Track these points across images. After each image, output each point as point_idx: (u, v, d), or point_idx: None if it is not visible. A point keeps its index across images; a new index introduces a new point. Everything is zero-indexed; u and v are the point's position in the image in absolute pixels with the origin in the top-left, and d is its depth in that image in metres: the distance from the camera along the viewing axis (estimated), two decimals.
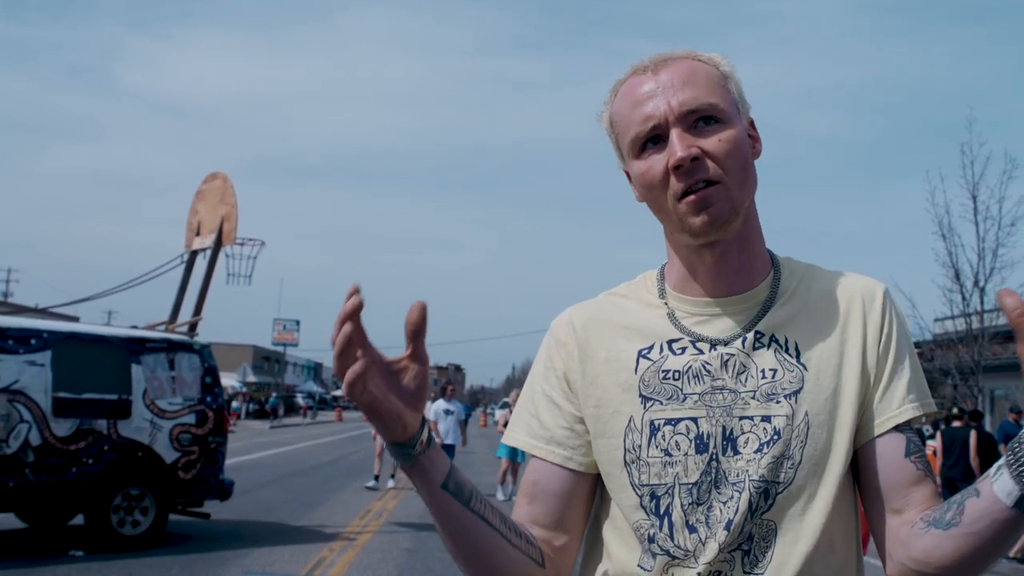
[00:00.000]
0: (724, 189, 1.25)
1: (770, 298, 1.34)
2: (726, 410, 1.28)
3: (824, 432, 1.26)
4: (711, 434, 1.27)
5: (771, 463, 1.25)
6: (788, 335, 1.31)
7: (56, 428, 8.66)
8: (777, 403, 1.27)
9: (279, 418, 51.05)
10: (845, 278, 1.37)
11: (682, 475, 1.27)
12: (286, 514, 12.22)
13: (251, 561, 8.77)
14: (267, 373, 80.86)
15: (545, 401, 1.40)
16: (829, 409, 1.27)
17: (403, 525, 11.67)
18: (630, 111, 1.30)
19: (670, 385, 1.30)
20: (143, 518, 9.29)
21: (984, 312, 16.29)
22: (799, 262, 1.41)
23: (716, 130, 1.26)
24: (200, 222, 13.19)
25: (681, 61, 1.31)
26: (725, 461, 1.26)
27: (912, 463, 1.27)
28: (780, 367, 1.29)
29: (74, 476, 8.76)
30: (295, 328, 70.26)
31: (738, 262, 1.33)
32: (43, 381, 8.65)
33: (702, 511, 1.26)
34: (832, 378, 1.29)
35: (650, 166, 1.27)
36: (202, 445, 9.69)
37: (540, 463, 1.38)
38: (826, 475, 1.26)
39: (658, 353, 1.33)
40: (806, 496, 1.25)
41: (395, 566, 8.90)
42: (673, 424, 1.29)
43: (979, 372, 16.16)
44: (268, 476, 17.48)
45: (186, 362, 9.79)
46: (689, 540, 1.25)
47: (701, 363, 1.30)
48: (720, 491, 1.26)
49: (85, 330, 9.67)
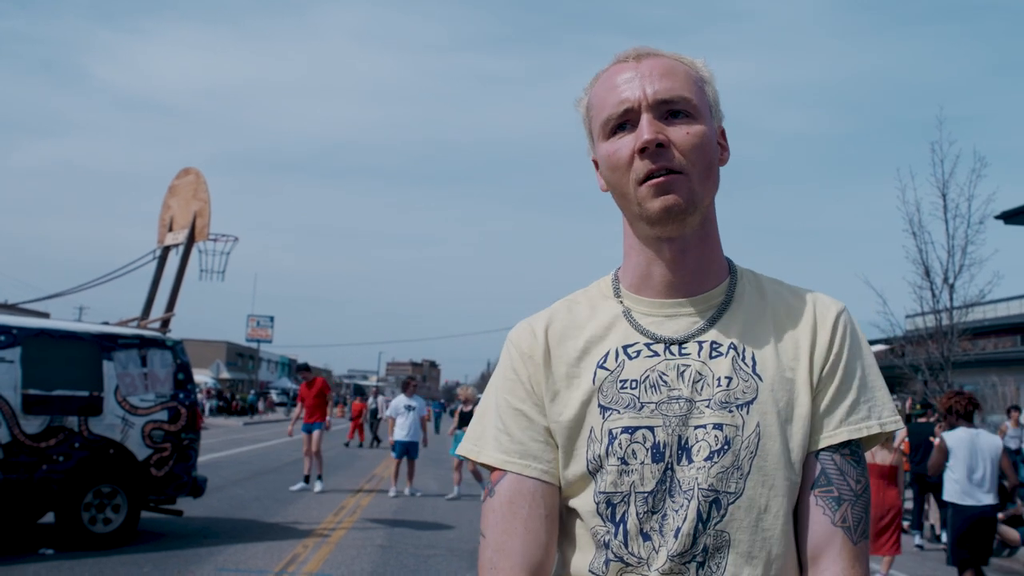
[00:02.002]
0: (686, 180, 1.28)
1: (725, 302, 1.36)
2: (682, 419, 1.28)
3: (776, 444, 1.26)
4: (667, 443, 1.27)
5: (720, 472, 1.25)
6: (746, 345, 1.32)
7: (26, 425, 8.56)
8: (730, 412, 1.27)
9: (260, 414, 50.76)
10: (804, 295, 1.39)
11: (638, 483, 1.27)
12: (260, 511, 12.15)
13: (225, 558, 8.72)
14: (241, 370, 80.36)
15: (514, 414, 1.37)
16: (781, 422, 1.28)
17: (377, 521, 11.65)
18: (606, 94, 1.34)
19: (628, 394, 1.31)
20: (115, 516, 9.21)
21: (953, 309, 16.48)
22: (760, 275, 1.43)
23: (685, 123, 1.30)
24: (173, 218, 13.08)
25: (664, 57, 1.35)
26: (680, 470, 1.27)
27: (813, 496, 1.27)
28: (735, 376, 1.29)
29: (44, 474, 8.67)
30: (269, 324, 69.80)
31: (695, 263, 1.35)
32: (12, 378, 8.55)
33: (657, 519, 1.26)
34: (785, 392, 1.29)
35: (618, 148, 1.31)
36: (175, 442, 9.62)
37: (516, 479, 1.34)
38: (777, 488, 1.26)
39: (614, 361, 1.34)
40: (758, 508, 1.25)
41: (369, 562, 8.89)
42: (630, 432, 1.29)
43: (948, 368, 16.35)
44: (241, 473, 17.38)
45: (158, 358, 9.71)
46: (643, 548, 1.26)
47: (658, 372, 1.31)
48: (674, 499, 1.26)
49: (56, 326, 9.56)
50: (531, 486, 1.34)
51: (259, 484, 15.64)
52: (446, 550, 9.75)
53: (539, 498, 1.33)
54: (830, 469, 1.28)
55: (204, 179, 12.82)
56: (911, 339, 18.12)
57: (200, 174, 12.98)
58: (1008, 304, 26.66)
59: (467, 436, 1.43)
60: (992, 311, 25.61)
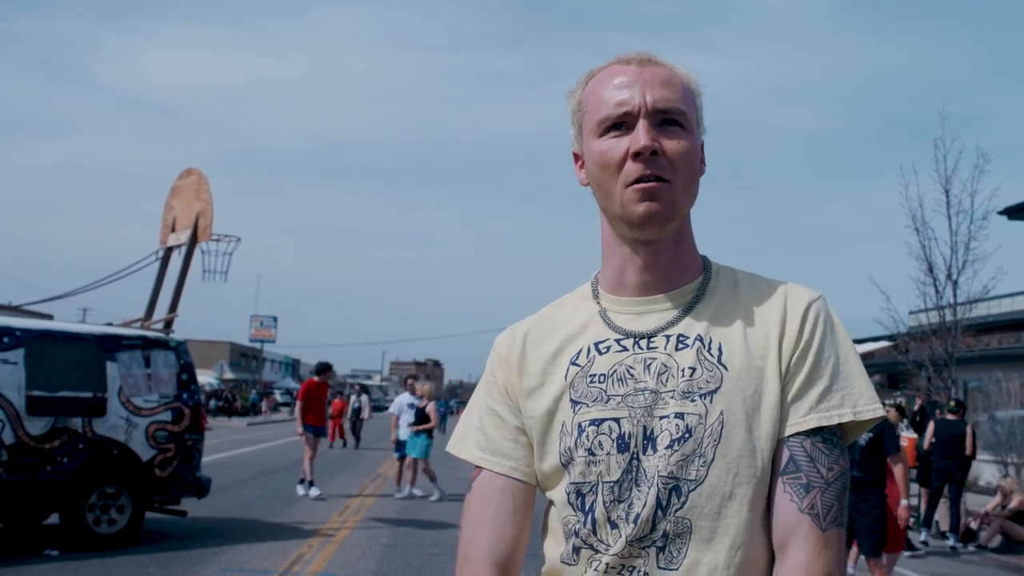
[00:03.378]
0: (671, 189, 1.33)
1: (696, 298, 1.40)
2: (647, 410, 1.32)
3: (741, 431, 1.29)
4: (632, 434, 1.32)
5: (680, 460, 1.28)
6: (712, 336, 1.35)
7: (30, 427, 8.58)
8: (692, 401, 1.30)
9: (264, 413, 50.70)
10: (777, 287, 1.41)
11: (605, 473, 1.32)
12: (264, 511, 12.17)
13: (229, 558, 8.73)
14: (244, 370, 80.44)
15: (489, 414, 1.47)
16: (747, 410, 1.30)
17: (381, 521, 11.66)
18: (605, 93, 1.37)
19: (596, 388, 1.36)
20: (119, 516, 9.22)
21: (957, 305, 16.44)
22: (736, 270, 1.46)
23: (678, 134, 1.35)
24: (175, 218, 13.08)
25: (664, 66, 1.40)
26: (645, 460, 1.30)
27: (781, 482, 1.29)
28: (699, 366, 1.32)
29: (49, 475, 8.69)
30: (272, 324, 69.97)
31: (668, 264, 1.40)
32: (16, 379, 8.56)
33: (624, 507, 1.30)
34: (752, 380, 1.31)
35: (610, 148, 1.35)
36: (179, 442, 9.63)
37: (488, 475, 1.44)
38: (743, 475, 1.28)
39: (585, 357, 1.39)
40: (722, 495, 1.27)
41: (374, 561, 8.90)
42: (597, 424, 1.34)
43: (952, 364, 16.30)
44: (246, 473, 17.40)
45: (162, 359, 9.72)
46: (611, 535, 1.31)
47: (625, 367, 1.35)
48: (639, 488, 1.30)
49: (59, 328, 9.57)
50: (501, 482, 1.43)
51: (263, 484, 15.66)
52: (450, 549, 9.74)
53: (508, 494, 1.42)
54: (799, 456, 1.29)
55: (206, 179, 12.81)
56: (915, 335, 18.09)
57: (202, 175, 12.97)
58: (1012, 300, 26.60)
59: (454, 433, 1.53)
60: (996, 307, 25.55)
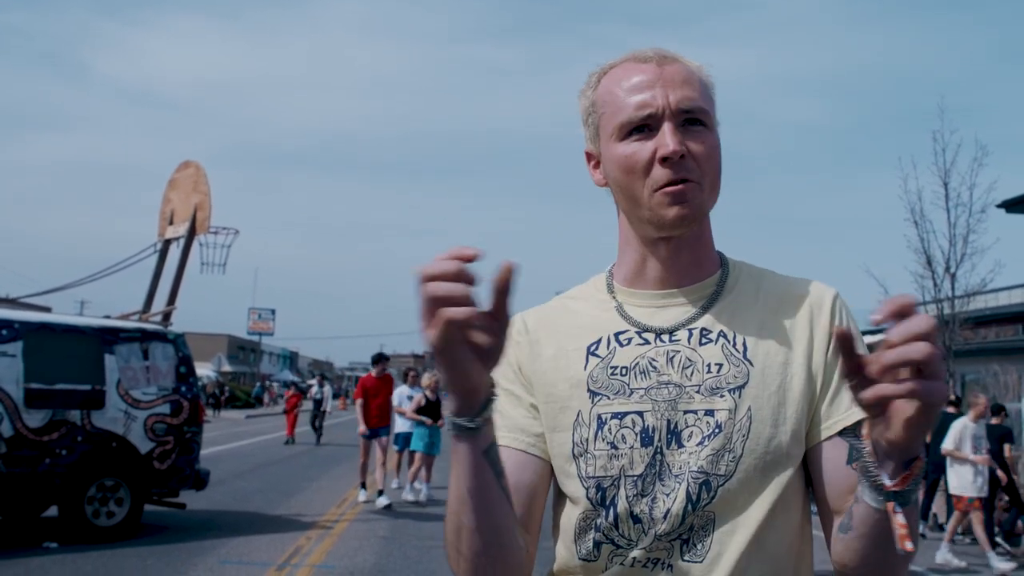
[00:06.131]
0: (699, 190, 1.30)
1: (716, 292, 1.38)
2: (671, 404, 1.30)
3: (768, 428, 1.28)
4: (656, 428, 1.29)
5: (711, 456, 1.26)
6: (736, 331, 1.33)
7: (28, 419, 8.58)
8: (721, 397, 1.29)
9: (267, 405, 50.60)
10: (795, 282, 1.40)
11: (628, 467, 1.29)
12: (262, 503, 12.19)
13: (228, 551, 8.75)
14: (242, 363, 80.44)
15: (503, 394, 1.40)
16: (773, 405, 1.29)
17: (380, 513, 11.67)
18: (623, 94, 1.33)
19: (618, 380, 1.33)
20: (118, 509, 9.24)
21: (955, 298, 16.47)
22: (751, 265, 1.45)
23: (702, 134, 1.31)
24: (173, 211, 13.07)
25: (682, 62, 1.35)
26: (669, 454, 1.28)
27: (854, 470, 1.27)
28: (726, 362, 1.31)
29: (47, 467, 8.69)
30: (270, 317, 70.00)
31: (688, 259, 1.38)
32: (15, 372, 8.56)
33: (646, 502, 1.28)
34: (777, 376, 1.30)
35: (635, 151, 1.30)
36: (177, 435, 9.64)
37: (505, 451, 1.35)
38: (770, 470, 1.27)
39: (606, 348, 1.36)
40: (748, 490, 1.27)
41: (372, 553, 8.91)
42: (619, 418, 1.31)
43: (951, 357, 16.33)
44: (244, 465, 17.42)
45: (160, 352, 9.73)
46: (633, 530, 1.28)
47: (648, 359, 1.33)
48: (664, 483, 1.28)
49: (57, 320, 9.58)
50: (518, 459, 1.36)
51: (262, 477, 15.68)
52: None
53: (524, 472, 1.35)
54: (859, 444, 1.28)
55: (204, 172, 12.80)
56: None
57: (200, 167, 12.96)
58: (1010, 293, 26.60)
59: None
60: (994, 300, 25.54)
